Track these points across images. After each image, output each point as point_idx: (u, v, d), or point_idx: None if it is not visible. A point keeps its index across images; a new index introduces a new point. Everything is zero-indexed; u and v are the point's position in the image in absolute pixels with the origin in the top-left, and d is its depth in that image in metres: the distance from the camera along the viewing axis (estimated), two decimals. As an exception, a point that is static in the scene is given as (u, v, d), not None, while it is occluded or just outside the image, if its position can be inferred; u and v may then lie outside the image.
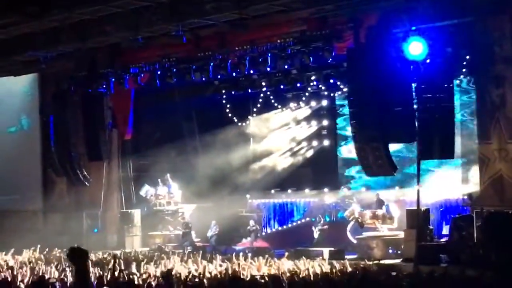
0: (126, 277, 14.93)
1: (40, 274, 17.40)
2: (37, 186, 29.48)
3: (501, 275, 12.93)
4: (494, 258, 17.58)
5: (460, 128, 24.06)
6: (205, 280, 14.75)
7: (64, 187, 29.28)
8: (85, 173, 27.90)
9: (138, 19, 22.99)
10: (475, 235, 20.27)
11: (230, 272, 16.76)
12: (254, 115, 31.04)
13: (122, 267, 17.30)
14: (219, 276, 16.09)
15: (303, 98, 30.21)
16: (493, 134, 19.63)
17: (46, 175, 29.36)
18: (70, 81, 27.64)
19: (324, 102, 30.55)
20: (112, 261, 17.22)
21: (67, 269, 17.95)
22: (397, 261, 21.93)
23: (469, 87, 24.17)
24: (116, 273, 14.92)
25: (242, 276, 15.24)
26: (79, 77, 27.40)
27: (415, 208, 22.77)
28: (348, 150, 29.41)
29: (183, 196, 30.01)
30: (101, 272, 16.73)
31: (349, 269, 17.46)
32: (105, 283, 13.73)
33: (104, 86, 27.13)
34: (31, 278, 16.64)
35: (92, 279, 14.25)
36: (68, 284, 14.82)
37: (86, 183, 27.99)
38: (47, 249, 24.36)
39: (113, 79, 26.76)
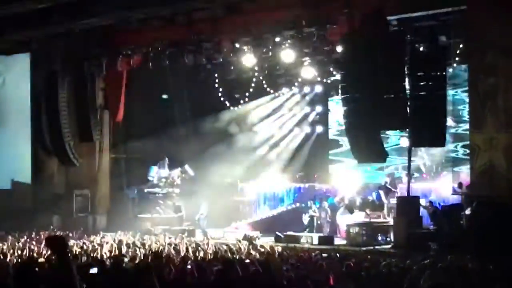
0: None
1: (29, 254, 17.37)
2: (27, 165, 29.34)
3: (488, 264, 12.96)
4: (482, 247, 17.62)
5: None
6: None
7: (54, 167, 29.18)
8: (76, 153, 27.88)
9: (131, 0, 22.89)
10: (464, 223, 20.34)
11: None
12: (247, 99, 30.95)
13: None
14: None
15: (296, 84, 30.17)
16: (484, 123, 19.63)
17: (36, 155, 29.24)
18: (62, 62, 27.52)
19: (317, 88, 30.55)
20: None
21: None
22: (387, 247, 21.97)
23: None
24: None
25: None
26: (71, 58, 27.28)
27: (406, 195, 22.85)
28: (339, 136, 29.49)
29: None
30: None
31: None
32: None
33: (97, 67, 27.04)
34: (19, 258, 16.59)
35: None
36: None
37: (77, 163, 27.98)
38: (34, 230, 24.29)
39: (105, 61, 26.66)
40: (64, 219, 26.75)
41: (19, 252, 18.21)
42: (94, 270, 12.11)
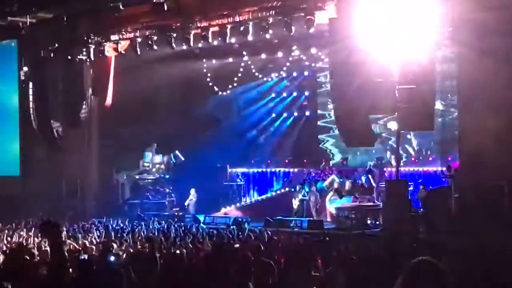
0: None
1: (19, 241, 17.36)
2: (15, 152, 29.26)
3: (474, 246, 13.05)
4: (469, 229, 17.71)
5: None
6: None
7: (43, 154, 29.09)
8: (65, 140, 27.83)
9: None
10: (452, 206, 20.43)
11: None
12: (235, 84, 30.93)
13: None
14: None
15: (284, 68, 30.17)
16: (473, 107, 19.66)
17: (25, 142, 29.15)
18: (50, 48, 27.40)
19: (306, 73, 30.57)
20: None
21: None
22: (376, 231, 22.04)
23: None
24: None
25: None
26: (59, 44, 27.15)
27: (394, 179, 22.90)
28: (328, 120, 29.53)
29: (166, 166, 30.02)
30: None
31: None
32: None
33: (84, 53, 26.94)
34: (9, 245, 16.59)
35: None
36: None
37: (65, 150, 27.92)
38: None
39: (93, 47, 26.56)
40: (53, 205, 26.64)
41: (9, 239, 18.22)
42: (84, 256, 12.16)
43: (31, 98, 27.95)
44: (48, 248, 15.07)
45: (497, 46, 18.56)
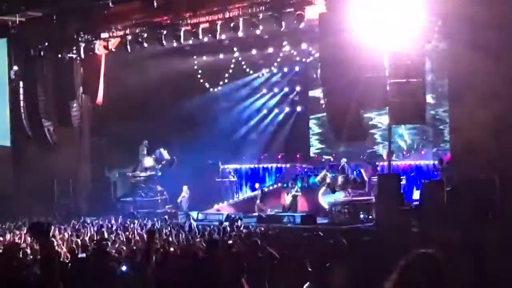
0: None
1: (11, 240, 17.34)
2: (7, 151, 29.19)
3: (467, 238, 13.10)
4: (461, 222, 17.74)
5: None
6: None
7: (35, 152, 29.01)
8: (56, 138, 27.80)
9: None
10: (445, 200, 20.45)
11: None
12: (226, 80, 30.91)
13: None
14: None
15: (275, 64, 30.16)
16: (464, 99, 19.69)
17: (16, 140, 29.09)
18: (40, 47, 27.34)
19: (297, 68, 30.57)
20: None
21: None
22: (369, 225, 22.08)
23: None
24: None
25: None
26: (49, 43, 27.09)
27: (386, 173, 22.92)
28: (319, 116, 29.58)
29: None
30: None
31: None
32: None
33: (75, 51, 26.89)
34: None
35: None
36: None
37: (57, 149, 27.87)
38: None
39: (83, 45, 26.51)
40: (45, 204, 26.59)
41: (1, 238, 18.19)
42: (82, 255, 12.18)
43: (21, 97, 27.91)
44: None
45: (488, 40, 18.59)
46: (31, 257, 12.61)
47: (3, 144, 29.16)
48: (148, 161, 29.31)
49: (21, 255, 12.09)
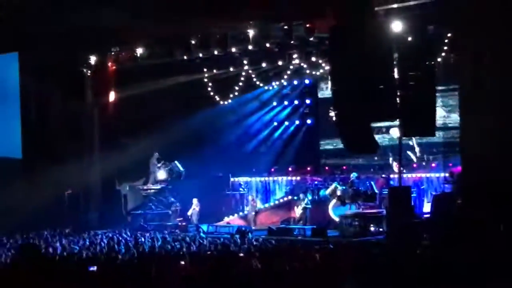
0: None
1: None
2: (16, 164, 29.24)
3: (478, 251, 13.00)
4: (472, 236, 17.65)
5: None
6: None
7: (46, 165, 29.05)
8: (67, 151, 27.85)
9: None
10: (456, 213, 20.35)
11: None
12: (236, 93, 30.95)
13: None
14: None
15: (285, 77, 30.19)
16: (474, 109, 19.61)
17: (27, 153, 29.14)
18: (52, 60, 27.42)
19: (306, 81, 30.61)
20: None
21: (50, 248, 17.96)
22: (380, 238, 22.01)
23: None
24: None
25: None
26: (60, 55, 27.19)
27: (398, 186, 22.84)
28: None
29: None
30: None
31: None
32: None
33: (86, 65, 26.99)
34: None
35: None
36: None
37: (67, 161, 27.90)
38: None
39: (94, 59, 26.61)
40: (56, 217, 26.61)
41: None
42: (93, 268, 12.16)
43: (33, 110, 28.00)
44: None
45: (499, 47, 18.55)
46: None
47: (15, 156, 29.20)
48: (161, 174, 29.29)
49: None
